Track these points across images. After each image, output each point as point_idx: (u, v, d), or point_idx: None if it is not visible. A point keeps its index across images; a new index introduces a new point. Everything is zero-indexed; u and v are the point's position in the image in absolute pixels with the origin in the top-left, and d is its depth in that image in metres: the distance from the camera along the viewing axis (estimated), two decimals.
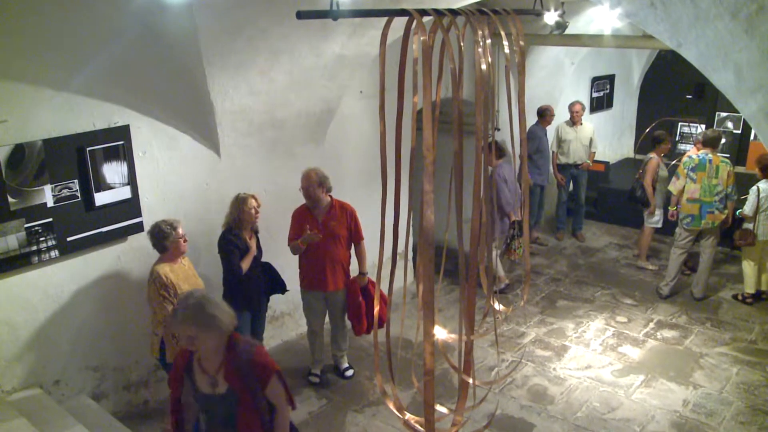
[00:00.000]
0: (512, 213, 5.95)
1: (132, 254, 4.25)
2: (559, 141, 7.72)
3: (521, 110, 2.17)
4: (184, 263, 3.95)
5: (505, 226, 6.03)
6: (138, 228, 4.21)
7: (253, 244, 4.34)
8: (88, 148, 3.86)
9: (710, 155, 5.89)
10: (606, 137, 9.99)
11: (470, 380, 2.01)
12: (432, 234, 1.68)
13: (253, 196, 4.25)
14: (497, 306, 2.32)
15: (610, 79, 9.80)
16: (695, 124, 9.48)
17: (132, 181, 4.13)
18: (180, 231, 3.84)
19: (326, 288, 4.63)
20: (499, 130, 7.02)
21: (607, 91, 9.81)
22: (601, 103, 9.68)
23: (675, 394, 4.69)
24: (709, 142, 5.95)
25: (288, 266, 4.71)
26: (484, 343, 5.34)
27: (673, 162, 7.15)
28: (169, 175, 4.38)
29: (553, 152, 7.75)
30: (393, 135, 1.98)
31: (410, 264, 6.42)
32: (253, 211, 4.22)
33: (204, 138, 4.53)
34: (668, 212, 6.34)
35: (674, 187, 6.09)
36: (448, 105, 2.03)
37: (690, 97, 10.00)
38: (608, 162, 9.22)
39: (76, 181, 3.86)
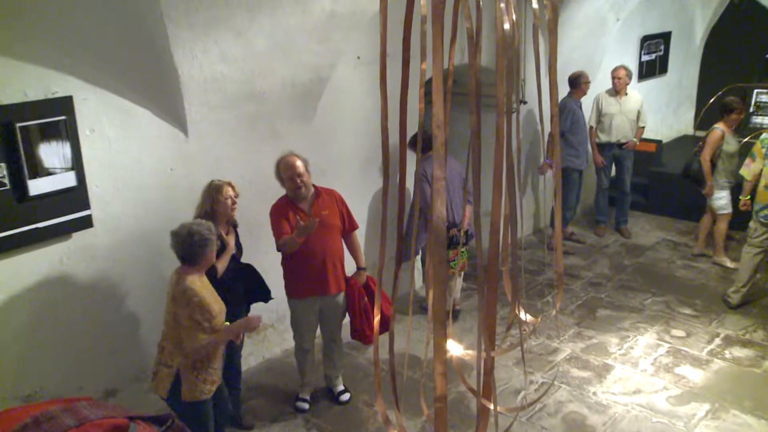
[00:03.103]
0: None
1: (78, 256, 4.25)
2: (600, 115, 7.71)
3: (552, 79, 2.18)
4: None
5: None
6: (85, 223, 4.21)
7: (231, 240, 4.35)
8: (18, 124, 3.81)
9: None
10: (658, 110, 9.97)
11: (491, 406, 2.04)
12: (444, 230, 1.70)
13: (229, 184, 4.27)
14: (524, 316, 2.34)
15: (665, 37, 9.75)
16: None
17: (77, 165, 4.11)
18: None
19: (327, 291, 4.66)
20: (525, 103, 7.02)
21: (661, 52, 9.76)
22: (652, 68, 9.65)
23: (753, 430, 4.65)
24: None
25: (272, 269, 4.73)
26: (508, 360, 5.37)
27: (746, 139, 7.12)
28: (124, 158, 4.39)
29: (591, 128, 7.75)
30: (397, 110, 2.00)
31: (417, 265, 6.44)
32: (229, 201, 4.24)
33: (167, 113, 4.54)
34: (740, 201, 6.30)
35: (748, 171, 6.03)
36: (464, 73, 2.05)
37: None
38: (661, 141, 9.20)
39: (3, 164, 3.82)
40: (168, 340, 3.73)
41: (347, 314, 4.90)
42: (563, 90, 7.37)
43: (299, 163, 4.48)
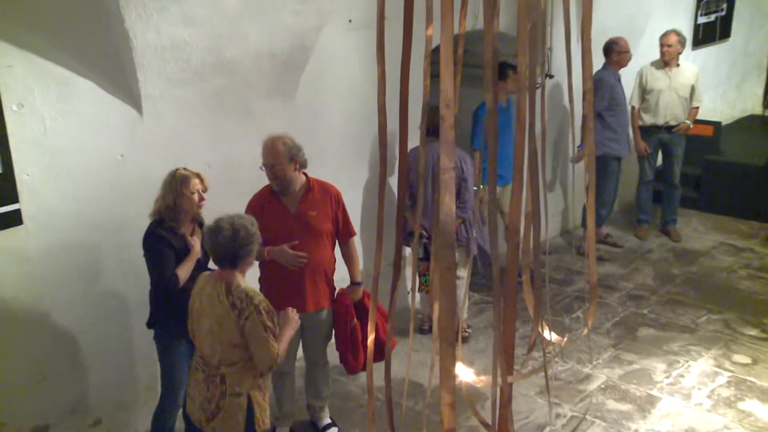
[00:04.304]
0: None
1: (2, 259, 4.24)
2: (644, 91, 7.73)
3: (585, 48, 2.21)
4: None
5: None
6: (13, 219, 4.18)
7: (196, 241, 4.37)
8: None
9: None
10: (717, 84, 9.95)
11: None
12: (452, 230, 1.73)
13: (197, 175, 4.28)
14: (548, 335, 2.37)
15: None
16: None
17: (2, 148, 4.08)
18: None
19: (304, 308, 4.67)
20: (552, 77, 7.04)
21: (723, 12, 9.70)
22: (711, 33, 9.61)
23: None
24: None
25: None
26: (529, 389, 5.41)
27: None
28: (61, 140, 4.38)
29: (633, 108, 7.78)
30: (396, 85, 2.02)
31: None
32: (196, 196, 4.25)
33: (116, 86, 4.54)
34: None
35: None
36: (478, 41, 2.08)
37: None
38: (719, 122, 9.19)
39: None
40: (227, 364, 3.70)
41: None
42: (598, 62, 7.37)
43: (279, 150, 4.44)
